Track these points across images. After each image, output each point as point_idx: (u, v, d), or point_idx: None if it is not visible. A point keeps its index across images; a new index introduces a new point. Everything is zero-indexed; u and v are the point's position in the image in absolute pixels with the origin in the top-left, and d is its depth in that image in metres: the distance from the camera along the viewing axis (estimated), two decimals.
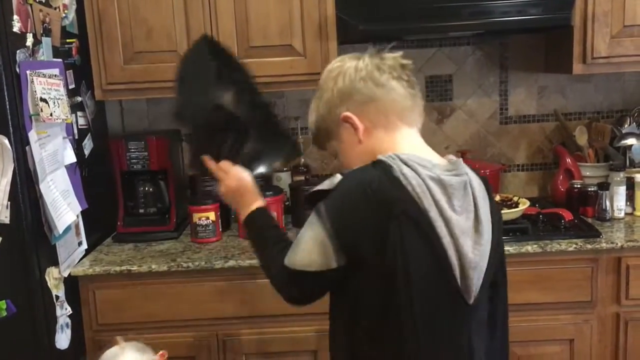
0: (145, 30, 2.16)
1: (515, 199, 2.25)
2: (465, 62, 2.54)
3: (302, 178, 2.50)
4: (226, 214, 2.34)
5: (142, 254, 2.10)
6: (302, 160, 2.55)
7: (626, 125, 2.38)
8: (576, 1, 2.15)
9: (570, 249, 1.98)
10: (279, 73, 2.20)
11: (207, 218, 2.19)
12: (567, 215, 2.19)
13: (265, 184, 2.41)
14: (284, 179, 2.53)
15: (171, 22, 2.16)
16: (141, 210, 2.29)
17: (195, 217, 2.19)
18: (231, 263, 1.98)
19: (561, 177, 2.44)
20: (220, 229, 2.25)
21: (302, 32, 2.18)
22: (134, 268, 1.98)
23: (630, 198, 2.26)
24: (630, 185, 2.25)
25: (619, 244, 1.98)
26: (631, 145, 2.30)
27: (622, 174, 2.24)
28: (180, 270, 1.99)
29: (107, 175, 2.29)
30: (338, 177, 1.21)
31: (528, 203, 2.20)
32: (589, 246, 1.98)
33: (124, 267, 1.98)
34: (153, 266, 1.98)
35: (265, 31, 2.18)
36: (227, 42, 2.15)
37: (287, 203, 2.35)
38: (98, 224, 2.26)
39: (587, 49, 2.18)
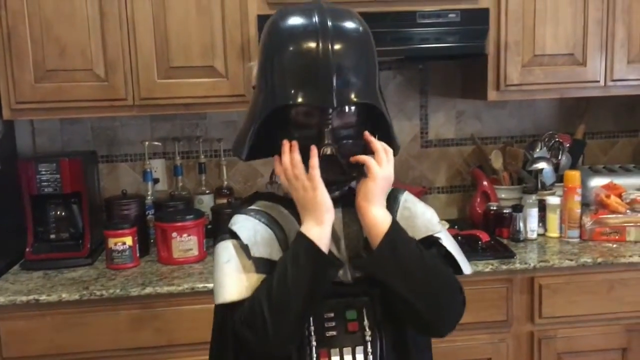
0: (58, 48, 2.07)
1: None
2: (387, 87, 2.59)
3: (225, 201, 2.45)
4: (144, 239, 2.26)
5: (52, 282, 1.99)
6: (225, 182, 2.51)
7: (537, 150, 2.49)
8: (490, 31, 2.24)
9: (487, 269, 2.04)
10: (201, 94, 2.16)
11: (124, 243, 2.10)
12: (484, 236, 2.26)
13: (186, 206, 2.36)
14: (206, 202, 2.48)
15: (86, 39, 2.08)
16: (52, 236, 2.18)
17: (111, 242, 2.10)
18: (148, 290, 1.91)
19: (478, 199, 2.52)
20: (138, 254, 2.17)
21: (225, 53, 2.15)
22: (43, 297, 1.87)
23: (542, 219, 2.36)
24: (542, 207, 2.35)
25: (532, 265, 2.05)
26: (542, 169, 2.40)
27: (534, 197, 2.33)
28: (93, 299, 1.89)
29: (15, 199, 2.16)
30: None
31: (447, 225, 2.25)
32: (504, 267, 2.04)
33: (31, 297, 1.87)
34: (63, 295, 1.88)
35: (186, 52, 2.14)
36: (146, 62, 2.11)
37: (208, 226, 2.29)
38: (3, 251, 2.13)
39: (500, 76, 2.27)
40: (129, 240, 2.11)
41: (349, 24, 1.08)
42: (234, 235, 1.11)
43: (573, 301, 2.08)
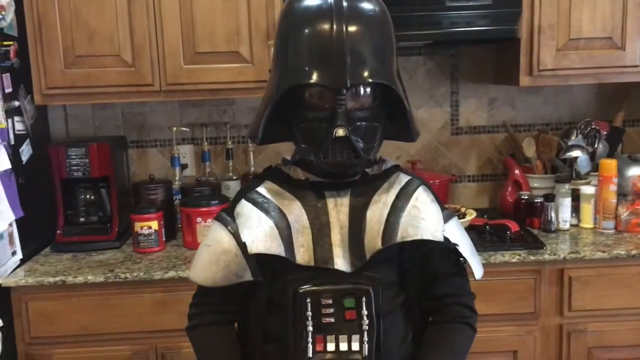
0: (87, 34, 2.10)
1: (463, 209, 2.25)
2: (416, 73, 2.54)
3: None
4: (170, 223, 2.28)
5: (79, 265, 2.03)
6: (252, 168, 2.51)
7: (573, 138, 2.40)
8: (523, 13, 2.16)
9: (514, 260, 1.98)
10: (227, 80, 2.16)
11: (150, 227, 2.13)
12: (513, 226, 2.19)
13: (212, 192, 2.37)
14: (233, 188, 2.48)
15: (114, 26, 2.11)
16: (82, 219, 2.23)
17: (137, 226, 2.13)
18: (171, 274, 1.93)
19: (509, 188, 2.45)
20: (164, 239, 2.19)
21: (250, 38, 2.14)
22: (69, 279, 1.91)
23: (575, 210, 2.28)
24: (575, 197, 2.27)
25: (562, 256, 1.98)
26: (577, 158, 2.31)
27: (567, 186, 2.25)
28: (117, 281, 1.92)
29: (46, 183, 2.22)
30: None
31: (475, 214, 2.20)
32: (532, 258, 1.98)
33: (58, 278, 1.91)
34: (89, 277, 1.92)
35: (212, 37, 2.14)
36: (172, 48, 2.13)
37: None
38: (36, 233, 2.18)
39: (533, 61, 2.19)
40: (154, 225, 2.14)
41: (365, 5, 1.05)
42: (232, 219, 1.12)
43: (605, 294, 2.01)
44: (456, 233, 1.14)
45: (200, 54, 2.14)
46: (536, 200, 2.28)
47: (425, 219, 1.10)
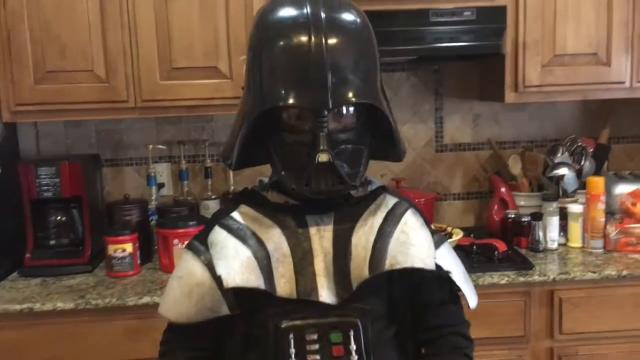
0: (58, 48, 2.02)
1: (449, 229, 2.18)
2: (400, 89, 2.49)
3: None
4: (146, 245, 2.19)
5: (48, 290, 1.93)
6: (232, 187, 2.43)
7: (559, 155, 2.36)
8: (507, 29, 2.13)
9: (503, 281, 1.92)
10: (205, 96, 2.09)
11: (124, 250, 2.03)
12: (501, 246, 2.14)
13: (190, 212, 2.28)
14: (213, 208, 2.40)
15: (87, 40, 2.02)
16: (52, 242, 2.13)
17: (111, 248, 2.03)
18: (145, 299, 1.83)
19: (496, 206, 2.40)
20: (139, 262, 2.10)
21: (229, 53, 2.08)
22: (37, 306, 1.81)
23: (563, 228, 2.23)
24: (563, 215, 2.22)
25: (551, 277, 1.93)
26: (563, 175, 2.27)
27: (555, 204, 2.21)
28: (88, 308, 1.82)
29: (16, 203, 2.11)
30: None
31: (462, 234, 2.14)
32: (521, 279, 1.92)
33: (25, 305, 1.80)
34: (59, 304, 1.81)
35: (189, 52, 2.06)
36: (148, 63, 2.05)
37: None
38: (3, 257, 2.08)
39: (518, 77, 2.16)
40: (129, 247, 2.04)
41: (346, 15, 0.96)
42: (205, 248, 1.02)
43: (596, 316, 1.95)
44: (448, 259, 1.06)
45: (177, 69, 2.07)
46: (523, 219, 2.23)
47: (415, 245, 1.02)
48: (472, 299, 1.08)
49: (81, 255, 2.11)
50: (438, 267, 1.02)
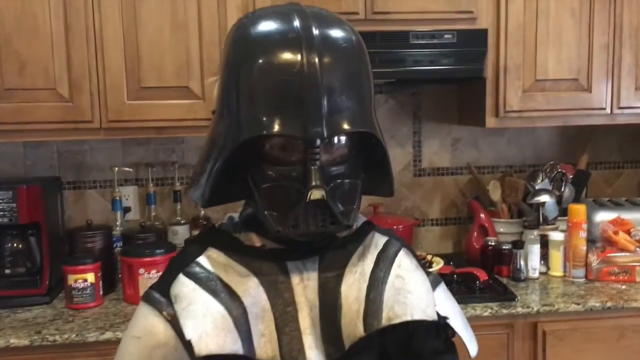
0: (18, 64, 1.89)
1: (429, 257, 2.11)
2: (377, 111, 2.41)
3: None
4: (110, 274, 2.06)
5: (1, 324, 1.78)
6: (202, 212, 2.31)
7: (539, 181, 2.32)
8: (488, 53, 2.08)
9: (486, 313, 1.85)
10: (176, 117, 1.98)
11: (85, 280, 1.90)
12: (482, 275, 2.07)
13: (157, 239, 2.16)
14: (182, 233, 2.28)
15: (49, 56, 1.91)
16: (7, 271, 1.98)
17: (71, 278, 1.90)
18: (107, 335, 1.70)
19: (475, 233, 2.34)
20: (102, 292, 1.96)
21: (202, 72, 1.98)
22: None
23: (544, 257, 2.18)
24: (544, 243, 2.17)
25: (535, 309, 1.86)
26: (544, 202, 2.22)
27: (536, 232, 2.16)
28: (45, 345, 1.68)
29: None
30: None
31: (442, 263, 2.07)
32: (504, 311, 1.86)
33: None
34: (12, 340, 1.67)
35: (159, 71, 1.96)
36: (115, 82, 1.94)
37: None
38: None
39: (499, 102, 2.11)
40: (90, 277, 1.91)
41: (339, 32, 0.84)
42: (167, 300, 0.85)
43: (580, 350, 1.90)
44: (446, 303, 0.96)
45: (146, 89, 1.96)
46: (504, 247, 2.17)
47: (413, 292, 0.90)
48: (472, 347, 0.97)
49: (38, 286, 1.97)
50: (436, 313, 0.92)
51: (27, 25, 1.89)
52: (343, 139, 0.85)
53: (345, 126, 0.81)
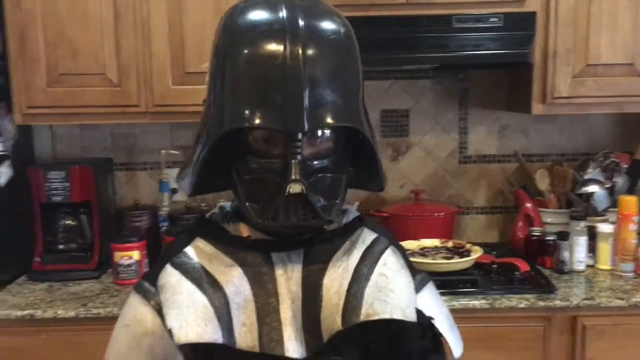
0: (70, 51, 1.99)
1: (468, 246, 2.08)
2: (423, 97, 2.39)
3: None
4: (156, 253, 2.14)
5: (53, 296, 1.90)
6: None
7: (589, 171, 2.23)
8: (536, 36, 2.01)
9: (521, 305, 1.81)
10: None
11: (130, 257, 2.00)
12: (523, 265, 2.02)
13: None
14: None
15: (99, 43, 2.00)
16: (61, 247, 2.10)
17: (117, 255, 2.00)
18: None
19: (520, 223, 2.27)
20: (146, 270, 2.05)
21: None
22: (38, 313, 1.78)
23: (591, 249, 2.10)
24: (592, 235, 2.09)
25: (575, 302, 1.80)
26: (593, 193, 2.14)
27: (582, 223, 2.07)
28: (90, 317, 1.79)
29: (26, 207, 2.09)
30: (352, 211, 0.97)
31: (480, 251, 2.03)
32: (541, 303, 1.81)
33: (26, 312, 1.78)
34: (59, 311, 1.78)
35: (202, 57, 2.01)
36: (160, 68, 2.01)
37: None
38: (13, 260, 2.06)
39: (547, 88, 2.04)
40: (136, 255, 2.01)
41: (327, 24, 0.83)
42: (156, 289, 0.87)
43: (621, 346, 1.82)
44: (431, 304, 0.95)
45: (190, 74, 2.02)
46: (548, 238, 2.11)
47: (395, 291, 0.88)
48: (456, 349, 0.95)
49: (88, 261, 2.08)
50: (420, 313, 0.91)
51: (80, 12, 1.99)
52: (327, 132, 0.84)
53: (328, 120, 0.80)
